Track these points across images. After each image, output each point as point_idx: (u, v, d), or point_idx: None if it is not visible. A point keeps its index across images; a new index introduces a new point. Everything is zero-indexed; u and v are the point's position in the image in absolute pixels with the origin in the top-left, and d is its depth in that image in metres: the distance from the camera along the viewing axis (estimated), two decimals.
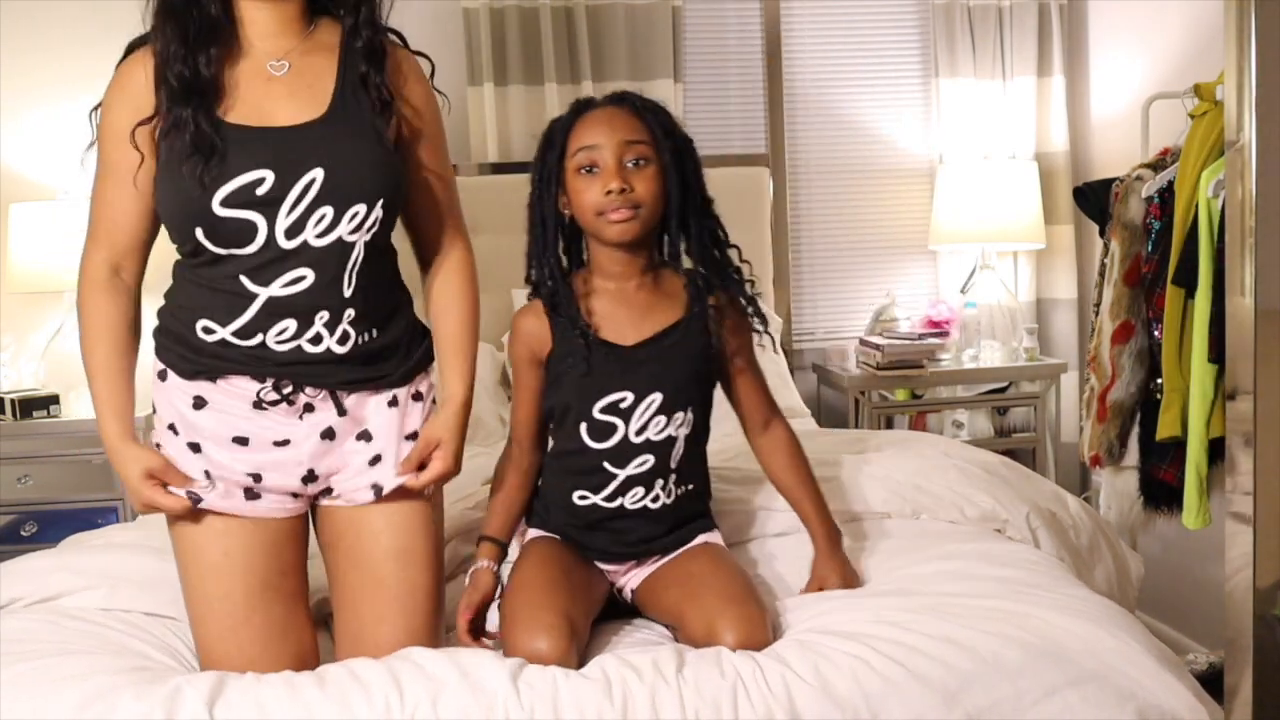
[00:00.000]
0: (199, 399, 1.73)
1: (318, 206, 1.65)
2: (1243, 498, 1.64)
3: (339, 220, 1.66)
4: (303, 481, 1.76)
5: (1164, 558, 3.32)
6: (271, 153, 1.65)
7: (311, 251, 1.66)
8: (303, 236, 1.66)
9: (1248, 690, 1.65)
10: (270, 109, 1.69)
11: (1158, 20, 3.42)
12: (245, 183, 1.63)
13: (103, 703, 1.50)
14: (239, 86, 1.68)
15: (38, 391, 3.24)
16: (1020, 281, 3.89)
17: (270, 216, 1.65)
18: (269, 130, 1.67)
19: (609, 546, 1.87)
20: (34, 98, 3.37)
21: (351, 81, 1.72)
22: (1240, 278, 1.62)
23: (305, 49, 1.73)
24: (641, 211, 1.79)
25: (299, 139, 1.67)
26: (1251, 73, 1.56)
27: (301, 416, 1.73)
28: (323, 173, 1.65)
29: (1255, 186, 1.58)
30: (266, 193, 1.64)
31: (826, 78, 3.88)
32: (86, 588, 1.91)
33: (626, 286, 1.85)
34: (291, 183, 1.64)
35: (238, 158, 1.64)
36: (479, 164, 3.53)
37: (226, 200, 1.63)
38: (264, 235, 1.65)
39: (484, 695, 1.51)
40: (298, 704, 1.51)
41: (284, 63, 1.71)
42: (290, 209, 1.65)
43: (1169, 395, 2.58)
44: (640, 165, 1.80)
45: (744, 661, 1.58)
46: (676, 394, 1.83)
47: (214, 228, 1.65)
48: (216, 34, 1.67)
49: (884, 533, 2.10)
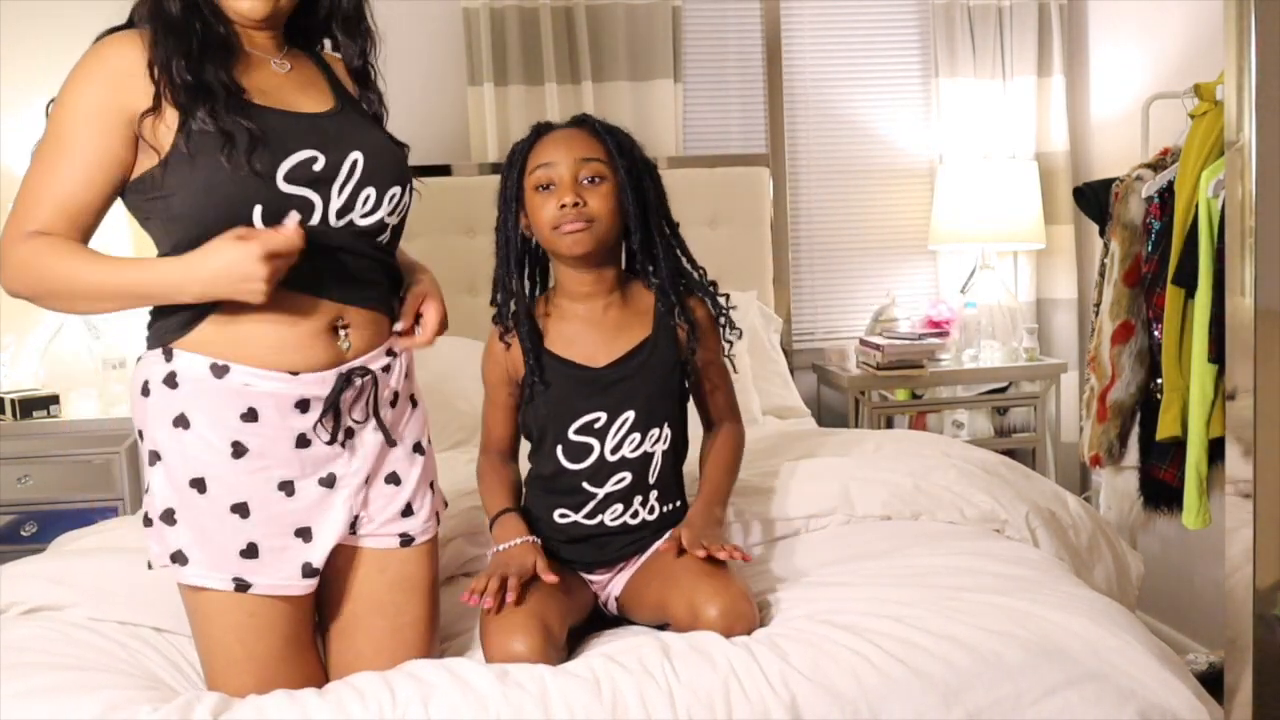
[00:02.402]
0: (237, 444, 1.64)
1: (363, 187, 1.66)
2: (1242, 498, 1.64)
3: (381, 201, 1.68)
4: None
5: (1164, 558, 3.33)
6: (318, 135, 1.64)
7: (355, 230, 1.67)
8: (350, 216, 1.65)
9: (1248, 690, 1.64)
10: (291, 99, 1.68)
11: (1158, 20, 3.43)
12: (303, 158, 1.61)
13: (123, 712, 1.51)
14: (253, 80, 1.66)
15: (38, 391, 3.24)
16: (1020, 281, 3.89)
17: (325, 195, 1.63)
18: (303, 115, 1.67)
19: (591, 557, 1.90)
20: (34, 98, 3.37)
21: (339, 86, 1.76)
22: (1240, 278, 1.62)
23: (291, 58, 1.74)
24: (595, 225, 1.82)
25: (332, 123, 1.68)
26: (1251, 73, 1.56)
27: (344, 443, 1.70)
28: (362, 155, 1.65)
29: (1255, 186, 1.58)
30: (321, 170, 1.62)
31: (826, 78, 3.88)
32: (75, 603, 1.91)
33: (594, 307, 1.89)
34: (339, 163, 1.64)
35: (287, 138, 1.61)
36: (479, 164, 3.53)
37: (290, 175, 1.59)
38: (319, 215, 1.63)
39: (474, 695, 1.51)
40: (297, 709, 1.52)
41: (285, 63, 1.72)
42: (340, 189, 1.64)
43: (1169, 395, 2.58)
44: (595, 182, 1.83)
45: (738, 653, 1.58)
46: (650, 411, 1.86)
47: (275, 206, 1.58)
48: (228, 49, 1.65)
49: (883, 533, 2.10)
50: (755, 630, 1.69)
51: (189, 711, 1.50)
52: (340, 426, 1.68)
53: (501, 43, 3.55)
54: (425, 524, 1.80)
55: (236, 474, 1.63)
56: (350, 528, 1.73)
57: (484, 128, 3.56)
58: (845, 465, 2.31)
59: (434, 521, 1.82)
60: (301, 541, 1.68)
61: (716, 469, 1.95)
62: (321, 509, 1.70)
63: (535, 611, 1.69)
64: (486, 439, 1.98)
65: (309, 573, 1.69)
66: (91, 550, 2.17)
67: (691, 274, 1.93)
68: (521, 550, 1.78)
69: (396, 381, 1.76)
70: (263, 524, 1.65)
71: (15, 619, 1.88)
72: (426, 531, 1.80)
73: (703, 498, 1.90)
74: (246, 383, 1.62)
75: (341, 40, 1.78)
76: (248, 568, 1.64)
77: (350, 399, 1.69)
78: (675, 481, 1.93)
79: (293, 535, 1.67)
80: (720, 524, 1.88)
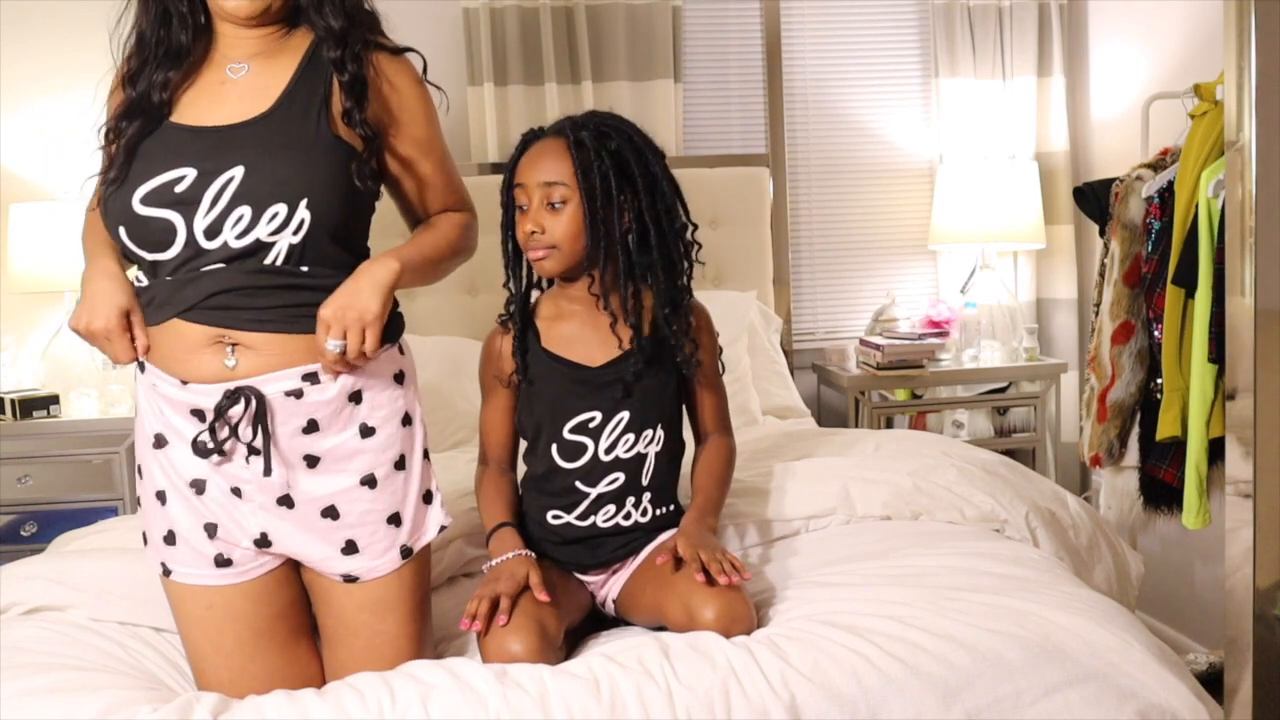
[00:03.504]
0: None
1: (235, 206, 1.59)
2: (1242, 498, 1.64)
3: (257, 220, 1.59)
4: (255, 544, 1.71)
5: (1164, 558, 3.33)
6: (196, 151, 1.61)
7: (229, 252, 1.60)
8: (222, 237, 1.60)
9: (1248, 690, 1.64)
10: (212, 110, 1.65)
11: (1158, 20, 3.43)
12: (166, 180, 1.60)
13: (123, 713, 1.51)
14: (191, 93, 1.67)
15: (38, 391, 3.24)
16: (1020, 281, 3.89)
17: (189, 216, 1.59)
18: (200, 130, 1.64)
19: (585, 559, 1.90)
20: (34, 98, 3.37)
21: (306, 83, 1.67)
22: (1240, 278, 1.62)
23: (272, 52, 1.70)
24: (556, 251, 1.83)
25: (228, 136, 1.62)
26: (1251, 73, 1.56)
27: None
28: (242, 171, 1.59)
29: (1255, 186, 1.58)
30: (185, 190, 1.59)
31: (826, 78, 3.88)
32: (75, 604, 1.91)
33: (590, 308, 1.90)
34: (209, 181, 1.59)
35: (162, 156, 1.61)
36: (479, 164, 3.53)
37: (146, 198, 1.60)
38: (183, 235, 1.60)
39: (473, 695, 1.51)
40: (296, 708, 1.52)
41: (243, 65, 1.69)
42: (208, 209, 1.59)
43: (1169, 395, 2.58)
44: (557, 207, 1.83)
45: (738, 653, 1.58)
46: (644, 412, 1.87)
47: (136, 227, 1.61)
48: (180, 59, 1.67)
49: (883, 533, 2.10)
50: (753, 631, 1.69)
51: (188, 712, 1.50)
52: (225, 441, 1.65)
53: (501, 43, 3.55)
54: (377, 561, 1.72)
55: (158, 463, 1.72)
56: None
57: (484, 128, 3.56)
58: (845, 465, 2.31)
59: (396, 555, 1.73)
60: (207, 537, 1.70)
61: (709, 479, 1.94)
62: (230, 513, 1.69)
63: (531, 613, 1.69)
64: (484, 447, 1.98)
65: (222, 563, 1.71)
66: (92, 551, 2.17)
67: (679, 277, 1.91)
68: (514, 564, 1.77)
69: (326, 408, 1.67)
70: (178, 515, 1.71)
71: (15, 619, 1.88)
72: (380, 569, 1.72)
73: (695, 508, 1.90)
74: (153, 383, 1.70)
75: (316, 23, 1.68)
76: (168, 554, 1.73)
77: (237, 417, 1.64)
78: (669, 485, 1.94)
79: (202, 529, 1.70)
80: (714, 533, 1.88)
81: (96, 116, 1.74)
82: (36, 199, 3.34)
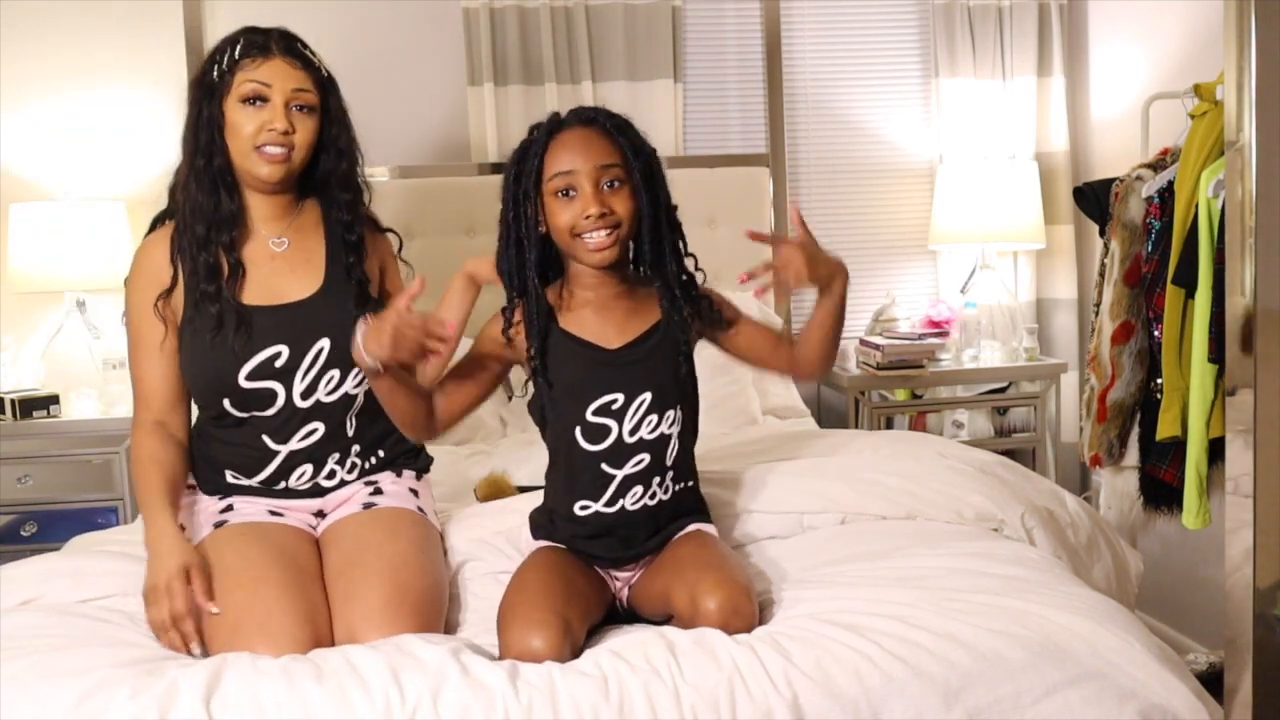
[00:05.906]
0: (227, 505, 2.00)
1: (327, 370, 1.95)
2: (1242, 498, 1.64)
3: (345, 378, 1.97)
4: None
5: (1164, 558, 3.32)
6: (288, 328, 1.94)
7: (324, 407, 1.96)
8: (315, 397, 1.95)
9: (1248, 690, 1.65)
10: (279, 286, 1.98)
11: (1158, 20, 3.43)
12: (266, 357, 1.93)
13: (98, 698, 1.50)
14: (250, 266, 1.97)
15: (38, 391, 3.25)
16: (1020, 281, 3.89)
17: (288, 384, 1.94)
18: (279, 309, 1.96)
19: (615, 553, 1.89)
20: (34, 98, 3.37)
21: (338, 254, 2.02)
22: (1240, 278, 1.62)
23: (298, 226, 2.04)
24: (620, 231, 1.84)
25: (307, 312, 1.97)
26: (1251, 73, 1.56)
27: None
28: (329, 342, 1.94)
29: (1255, 186, 1.58)
30: (284, 364, 1.93)
31: (826, 78, 3.88)
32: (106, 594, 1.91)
33: (606, 295, 1.89)
34: (304, 353, 1.94)
35: (259, 335, 1.93)
36: (479, 164, 3.53)
37: (251, 374, 1.92)
38: (282, 400, 1.94)
39: (484, 692, 1.51)
40: (295, 697, 1.51)
41: (284, 240, 2.01)
42: (304, 375, 1.94)
43: (1169, 395, 2.58)
44: (616, 187, 1.83)
45: (742, 652, 1.58)
46: (665, 393, 1.87)
47: (239, 398, 1.93)
48: (234, 223, 1.97)
49: (882, 533, 2.10)
50: (754, 628, 1.69)
51: (173, 693, 1.49)
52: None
53: (501, 43, 3.56)
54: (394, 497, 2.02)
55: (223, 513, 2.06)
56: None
57: (484, 127, 3.56)
58: (842, 465, 2.31)
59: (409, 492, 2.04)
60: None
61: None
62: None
63: (558, 609, 1.69)
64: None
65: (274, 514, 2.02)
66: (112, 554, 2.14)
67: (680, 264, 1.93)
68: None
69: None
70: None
71: (11, 609, 1.87)
72: (394, 499, 2.02)
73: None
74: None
75: (335, 199, 2.02)
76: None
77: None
78: (689, 464, 1.94)
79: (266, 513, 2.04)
80: (833, 297, 1.97)
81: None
82: (36, 199, 3.34)
